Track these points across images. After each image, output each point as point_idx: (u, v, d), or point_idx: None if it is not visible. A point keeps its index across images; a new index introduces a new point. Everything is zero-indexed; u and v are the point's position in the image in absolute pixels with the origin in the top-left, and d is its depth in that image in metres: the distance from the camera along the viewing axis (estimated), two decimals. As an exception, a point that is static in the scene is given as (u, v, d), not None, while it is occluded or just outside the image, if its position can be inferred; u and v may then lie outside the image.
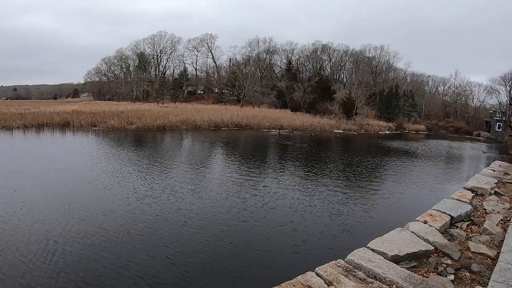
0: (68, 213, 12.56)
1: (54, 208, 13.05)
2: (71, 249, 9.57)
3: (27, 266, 8.56)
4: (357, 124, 61.11)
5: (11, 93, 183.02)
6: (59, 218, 11.91)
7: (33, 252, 9.29)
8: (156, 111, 56.68)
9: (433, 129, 75.02)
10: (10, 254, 9.08)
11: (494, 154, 38.60)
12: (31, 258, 8.94)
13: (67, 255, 9.19)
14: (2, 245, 9.56)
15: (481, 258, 6.06)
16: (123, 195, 15.17)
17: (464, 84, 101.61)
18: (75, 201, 14.00)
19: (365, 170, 23.63)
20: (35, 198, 14.20)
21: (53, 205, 13.48)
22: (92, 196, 14.97)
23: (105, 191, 15.92)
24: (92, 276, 8.27)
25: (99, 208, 13.18)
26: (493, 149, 44.68)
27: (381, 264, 5.27)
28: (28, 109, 54.46)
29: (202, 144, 34.97)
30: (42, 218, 11.86)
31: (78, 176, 18.62)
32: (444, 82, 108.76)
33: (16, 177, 17.98)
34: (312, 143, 40.15)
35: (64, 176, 18.72)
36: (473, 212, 8.49)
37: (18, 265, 8.56)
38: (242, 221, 12.50)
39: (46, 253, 9.28)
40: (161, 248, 9.96)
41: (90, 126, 43.58)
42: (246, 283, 8.29)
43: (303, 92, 71.93)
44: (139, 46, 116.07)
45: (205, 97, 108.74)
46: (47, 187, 16.09)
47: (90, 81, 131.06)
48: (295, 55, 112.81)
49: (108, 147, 29.88)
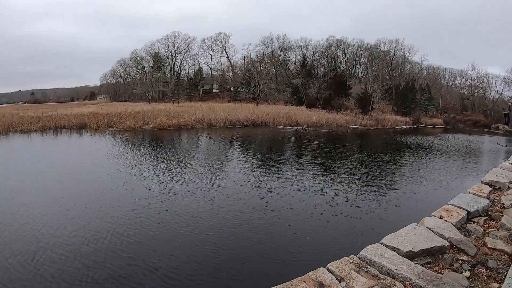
0: (103, 209, 13.18)
1: (83, 203, 13.76)
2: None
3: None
4: (373, 119, 60.61)
5: (29, 97, 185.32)
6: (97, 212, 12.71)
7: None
8: (172, 110, 57.05)
9: (451, 123, 73.93)
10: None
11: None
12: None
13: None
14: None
15: (498, 254, 5.90)
16: (144, 192, 15.69)
17: (481, 76, 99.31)
18: (106, 200, 14.54)
19: (381, 165, 23.44)
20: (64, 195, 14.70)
21: (83, 201, 14.10)
22: (121, 194, 15.52)
23: (126, 189, 16.45)
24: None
25: (132, 202, 14.11)
26: (511, 142, 43.89)
27: (395, 260, 5.17)
28: (46, 112, 55.23)
29: (217, 142, 35.19)
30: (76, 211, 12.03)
31: (102, 176, 19.20)
32: (461, 74, 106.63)
33: (40, 176, 18.57)
34: (328, 139, 40.06)
35: (90, 174, 19.50)
36: (491, 207, 8.30)
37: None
38: (256, 217, 12.61)
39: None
40: (183, 240, 10.45)
41: (106, 127, 44.14)
42: (258, 278, 8.26)
43: (318, 88, 71.67)
44: (154, 47, 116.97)
45: (220, 95, 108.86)
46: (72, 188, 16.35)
47: (106, 83, 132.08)
48: (309, 51, 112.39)
49: (125, 147, 30.34)
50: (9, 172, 19.83)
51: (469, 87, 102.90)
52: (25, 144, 32.62)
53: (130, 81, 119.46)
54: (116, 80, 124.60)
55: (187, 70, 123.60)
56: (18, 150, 29.14)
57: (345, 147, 34.15)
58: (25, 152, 27.71)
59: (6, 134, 38.43)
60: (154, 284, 8.14)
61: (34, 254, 9.41)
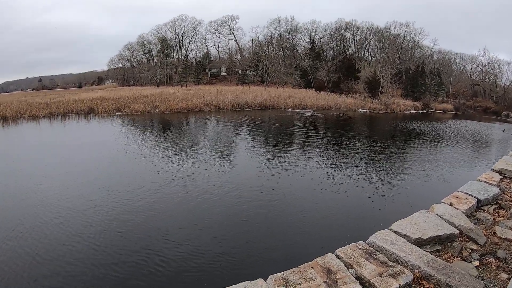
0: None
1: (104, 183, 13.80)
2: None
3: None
4: (382, 103, 60.08)
5: (37, 84, 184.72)
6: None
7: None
8: (180, 94, 57.04)
9: (461, 108, 73.24)
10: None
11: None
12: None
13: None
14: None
15: (507, 244, 5.85)
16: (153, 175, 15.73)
17: (492, 62, 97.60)
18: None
19: (389, 150, 23.30)
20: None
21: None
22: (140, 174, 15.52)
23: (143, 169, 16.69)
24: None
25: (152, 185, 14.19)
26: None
27: (404, 247, 5.15)
28: (54, 98, 55.32)
29: (224, 125, 35.15)
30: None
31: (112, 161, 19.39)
32: (472, 60, 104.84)
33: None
34: (336, 123, 39.97)
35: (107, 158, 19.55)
36: (501, 195, 8.22)
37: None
38: (262, 201, 12.64)
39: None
40: (194, 221, 10.78)
41: (114, 112, 44.14)
42: (266, 263, 8.31)
43: (327, 71, 71.14)
44: (161, 30, 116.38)
45: (228, 78, 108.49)
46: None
47: (113, 68, 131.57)
48: (318, 34, 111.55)
49: (134, 130, 30.50)
50: (30, 161, 19.89)
51: (480, 73, 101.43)
52: (34, 131, 32.70)
53: (138, 65, 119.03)
54: (124, 64, 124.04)
55: (194, 53, 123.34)
56: (29, 137, 29.19)
57: (354, 132, 33.94)
58: (36, 139, 27.84)
59: (15, 121, 38.50)
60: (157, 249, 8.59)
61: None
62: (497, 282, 4.67)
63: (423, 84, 74.83)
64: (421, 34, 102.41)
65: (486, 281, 4.64)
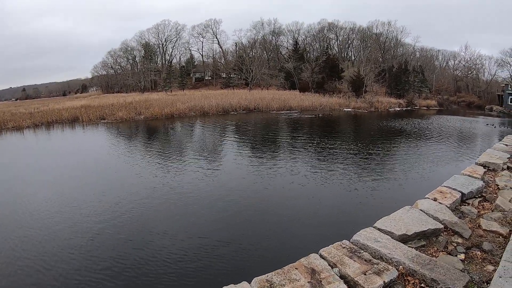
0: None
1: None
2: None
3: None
4: (366, 101, 60.50)
5: (20, 93, 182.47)
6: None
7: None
8: (164, 100, 56.77)
9: (444, 104, 73.97)
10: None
11: (506, 128, 37.97)
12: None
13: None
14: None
15: (493, 236, 5.86)
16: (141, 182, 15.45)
17: (474, 57, 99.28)
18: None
19: (374, 148, 23.38)
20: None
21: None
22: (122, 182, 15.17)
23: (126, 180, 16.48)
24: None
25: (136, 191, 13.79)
26: (505, 123, 43.89)
27: (388, 244, 5.13)
28: (38, 108, 54.63)
29: (208, 130, 35.04)
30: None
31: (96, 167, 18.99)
32: (454, 56, 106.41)
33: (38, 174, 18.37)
34: (320, 122, 40.17)
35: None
36: (485, 188, 8.26)
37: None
38: (246, 204, 12.56)
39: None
40: (179, 224, 10.75)
41: (99, 120, 43.77)
42: (251, 265, 8.26)
43: (311, 72, 71.44)
44: (144, 36, 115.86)
45: (213, 82, 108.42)
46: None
47: (97, 75, 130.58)
48: (301, 35, 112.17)
49: (118, 138, 30.18)
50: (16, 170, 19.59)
51: (463, 68, 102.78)
52: (19, 142, 32.25)
53: (122, 72, 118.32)
54: (108, 71, 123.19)
55: (178, 58, 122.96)
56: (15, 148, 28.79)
57: (338, 131, 34.13)
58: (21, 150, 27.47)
59: (-2, 132, 37.98)
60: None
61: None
62: (483, 275, 4.65)
63: (406, 81, 75.44)
64: (403, 32, 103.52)
65: (472, 274, 4.64)
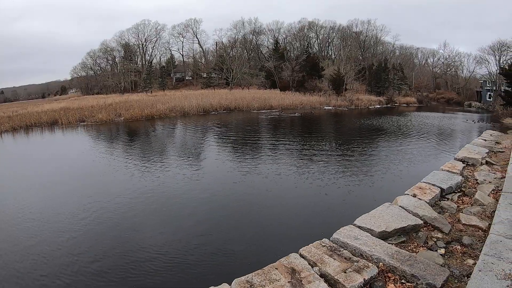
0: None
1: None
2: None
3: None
4: (347, 99, 60.93)
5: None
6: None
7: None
8: (144, 101, 56.26)
9: (424, 101, 74.93)
10: None
11: (485, 123, 38.54)
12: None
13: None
14: None
15: (472, 230, 5.91)
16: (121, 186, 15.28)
17: (453, 55, 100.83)
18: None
19: (353, 146, 23.51)
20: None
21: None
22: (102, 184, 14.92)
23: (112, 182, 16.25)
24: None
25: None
26: (484, 119, 44.55)
27: (368, 241, 5.14)
28: (16, 111, 53.52)
29: (187, 130, 34.83)
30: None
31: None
32: (433, 54, 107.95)
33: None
34: (300, 121, 40.33)
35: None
36: (464, 183, 8.34)
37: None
38: (225, 205, 12.47)
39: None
40: (159, 226, 10.53)
41: (78, 122, 43.02)
42: (231, 266, 8.16)
43: (291, 71, 71.54)
44: (124, 36, 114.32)
45: (193, 82, 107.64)
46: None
47: (77, 76, 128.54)
48: (281, 34, 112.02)
49: (98, 141, 29.73)
50: None
51: (442, 66, 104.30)
52: None
53: (101, 73, 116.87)
54: (87, 72, 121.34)
55: (158, 58, 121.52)
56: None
57: (318, 129, 34.25)
58: None
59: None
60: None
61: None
62: (463, 268, 4.70)
63: (386, 79, 76.15)
64: (382, 31, 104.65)
65: (452, 268, 4.68)
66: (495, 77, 69.06)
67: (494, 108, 57.17)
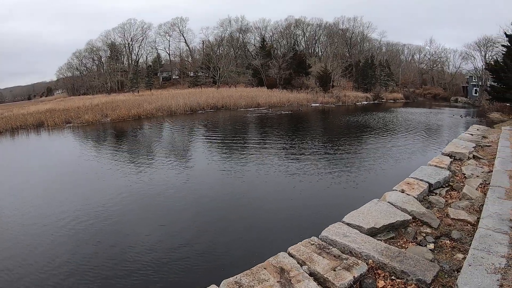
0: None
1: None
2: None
3: None
4: (334, 96, 61.25)
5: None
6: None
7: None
8: (131, 100, 55.69)
9: (411, 97, 75.66)
10: None
11: (472, 118, 38.88)
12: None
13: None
14: None
15: (461, 225, 5.91)
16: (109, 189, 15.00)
17: (439, 51, 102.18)
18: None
19: (341, 142, 23.51)
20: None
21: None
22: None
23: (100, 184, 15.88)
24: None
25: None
26: (470, 114, 44.96)
27: (357, 238, 5.10)
28: (1, 114, 52.64)
29: (174, 130, 34.32)
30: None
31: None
32: (420, 50, 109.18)
33: None
34: (288, 119, 40.32)
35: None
36: (452, 178, 8.37)
37: None
38: (215, 206, 12.28)
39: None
40: (145, 228, 10.30)
41: (64, 124, 42.40)
42: (219, 267, 8.02)
43: (278, 68, 71.60)
44: (110, 36, 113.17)
45: (180, 81, 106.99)
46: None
47: (62, 77, 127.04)
48: (268, 32, 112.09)
49: (85, 142, 29.35)
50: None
51: (428, 62, 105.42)
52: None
53: (87, 73, 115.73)
54: (73, 73, 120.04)
55: (145, 58, 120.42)
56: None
57: (305, 127, 34.19)
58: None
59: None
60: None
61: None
62: (453, 263, 4.69)
63: (373, 75, 76.67)
64: (369, 28, 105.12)
65: (442, 263, 4.67)
66: (481, 73, 69.88)
67: (480, 103, 57.84)
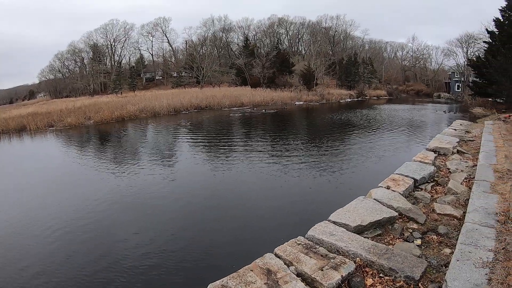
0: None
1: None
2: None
3: None
4: (318, 94, 61.41)
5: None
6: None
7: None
8: (114, 102, 55.12)
9: (394, 93, 76.34)
10: None
11: (455, 113, 39.26)
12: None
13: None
14: None
15: (447, 219, 5.93)
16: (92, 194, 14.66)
17: (421, 48, 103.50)
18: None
19: (325, 140, 23.53)
20: None
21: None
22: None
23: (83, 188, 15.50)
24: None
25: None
26: (453, 109, 45.44)
27: (343, 236, 5.07)
28: (-18, 119, 51.92)
29: (157, 131, 34.03)
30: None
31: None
32: (402, 47, 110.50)
33: None
34: (271, 118, 40.31)
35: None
36: (437, 173, 8.41)
37: None
38: (197, 207, 12.12)
39: None
40: (132, 230, 10.18)
41: (47, 127, 41.77)
42: (205, 270, 7.89)
43: (261, 67, 71.54)
44: (92, 37, 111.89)
45: (164, 82, 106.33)
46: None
47: (45, 80, 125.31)
48: (251, 31, 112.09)
49: (68, 146, 28.85)
50: None
51: (410, 58, 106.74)
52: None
53: (70, 75, 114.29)
54: (55, 75, 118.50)
55: (128, 58, 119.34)
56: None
57: (289, 126, 34.13)
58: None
59: None
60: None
61: None
62: (441, 258, 4.70)
63: (356, 73, 77.16)
64: (352, 26, 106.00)
65: (429, 259, 4.68)
66: (463, 69, 70.89)
67: (463, 99, 58.64)
